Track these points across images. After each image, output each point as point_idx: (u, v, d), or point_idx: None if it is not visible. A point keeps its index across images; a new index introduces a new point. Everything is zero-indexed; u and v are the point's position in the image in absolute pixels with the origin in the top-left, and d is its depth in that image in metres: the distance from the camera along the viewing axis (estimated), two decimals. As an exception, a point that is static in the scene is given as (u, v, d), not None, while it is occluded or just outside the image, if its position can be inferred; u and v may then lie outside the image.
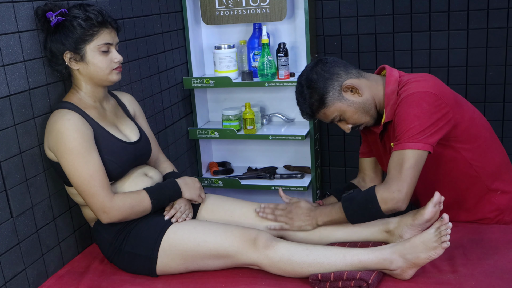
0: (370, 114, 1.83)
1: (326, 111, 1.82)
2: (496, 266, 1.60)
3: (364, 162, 2.09)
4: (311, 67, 1.84)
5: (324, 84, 1.79)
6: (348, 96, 1.80)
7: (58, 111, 1.66)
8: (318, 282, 1.57)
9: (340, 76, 1.80)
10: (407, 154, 1.65)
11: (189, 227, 1.71)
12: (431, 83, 1.74)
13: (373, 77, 1.86)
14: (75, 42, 1.66)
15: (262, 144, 3.00)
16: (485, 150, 1.83)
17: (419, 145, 1.65)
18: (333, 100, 1.80)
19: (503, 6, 2.54)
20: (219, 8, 2.71)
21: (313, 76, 1.81)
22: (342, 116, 1.83)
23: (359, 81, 1.81)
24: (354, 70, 1.84)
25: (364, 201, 1.69)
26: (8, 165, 1.59)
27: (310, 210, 1.82)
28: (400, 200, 1.64)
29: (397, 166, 1.66)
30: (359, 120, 1.83)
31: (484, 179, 1.84)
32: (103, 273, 1.76)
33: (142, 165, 1.89)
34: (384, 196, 1.65)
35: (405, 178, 1.64)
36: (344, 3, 2.75)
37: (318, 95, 1.80)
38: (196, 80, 2.76)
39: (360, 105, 1.80)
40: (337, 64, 1.83)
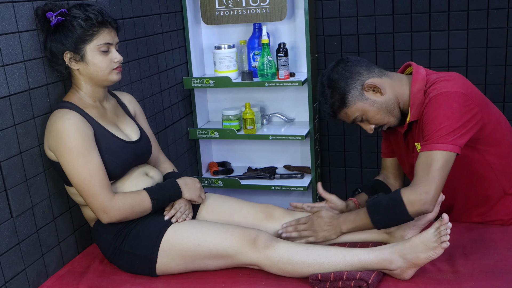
0: (394, 114, 1.78)
1: (348, 111, 1.78)
2: (496, 266, 1.60)
3: (387, 162, 2.05)
4: (332, 67, 1.80)
5: (345, 83, 1.75)
6: (370, 96, 1.75)
7: (58, 111, 1.67)
8: (318, 282, 1.57)
9: (361, 75, 1.76)
10: (436, 155, 1.60)
11: (189, 227, 1.71)
12: (461, 83, 1.69)
13: (396, 76, 1.81)
14: (75, 42, 1.66)
15: (262, 144, 3.00)
16: (507, 154, 1.80)
17: (448, 146, 1.60)
18: (355, 100, 1.75)
19: (503, 6, 2.54)
20: (219, 8, 2.71)
21: (334, 75, 1.77)
22: (365, 116, 1.78)
23: (381, 80, 1.76)
24: (377, 69, 1.79)
25: (390, 205, 1.63)
26: (8, 165, 1.59)
27: (332, 219, 1.77)
28: (428, 202, 1.59)
29: (425, 167, 1.60)
30: (382, 120, 1.78)
31: (502, 183, 1.81)
32: (103, 273, 1.76)
33: (143, 165, 1.89)
34: (411, 199, 1.60)
35: (433, 180, 1.58)
36: (344, 3, 2.75)
37: (339, 94, 1.76)
38: (196, 80, 2.76)
39: (383, 104, 1.76)
40: (359, 63, 1.79)
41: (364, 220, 1.69)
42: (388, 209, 1.64)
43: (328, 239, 1.77)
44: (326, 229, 1.76)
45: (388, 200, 1.65)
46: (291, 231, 1.80)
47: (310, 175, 2.84)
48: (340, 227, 1.75)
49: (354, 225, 1.73)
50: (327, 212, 1.80)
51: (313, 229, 1.78)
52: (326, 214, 1.79)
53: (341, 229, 1.75)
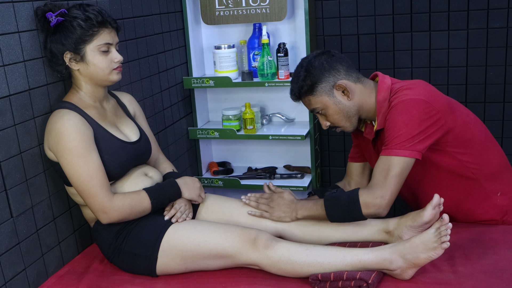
0: (351, 120, 1.85)
1: (312, 99, 1.84)
2: (496, 266, 1.60)
3: (352, 166, 2.11)
4: (317, 54, 1.85)
5: (321, 73, 1.81)
6: (337, 95, 1.82)
7: (58, 111, 1.67)
8: (318, 282, 1.57)
9: (339, 73, 1.81)
10: (394, 161, 1.67)
11: (189, 227, 1.71)
12: (422, 90, 1.75)
13: (369, 84, 1.86)
14: (75, 43, 1.66)
15: (262, 144, 3.00)
16: (482, 153, 1.84)
17: (406, 152, 1.67)
18: (322, 92, 1.81)
19: (503, 6, 2.54)
20: (219, 8, 2.71)
21: (315, 62, 1.83)
22: (324, 111, 1.84)
23: (354, 85, 1.82)
24: (355, 74, 1.84)
25: (346, 202, 1.71)
26: (8, 165, 1.59)
27: (291, 202, 1.84)
28: (382, 207, 1.66)
29: (383, 172, 1.68)
30: (338, 122, 1.85)
31: (482, 182, 1.84)
32: (103, 273, 1.76)
33: (142, 165, 1.89)
34: (366, 201, 1.67)
35: (390, 186, 1.66)
36: (344, 3, 2.75)
37: (311, 81, 1.82)
38: (196, 80, 2.76)
39: (345, 108, 1.82)
40: (342, 61, 1.84)
41: (319, 211, 1.77)
42: (344, 206, 1.72)
43: (281, 220, 1.84)
44: (283, 210, 1.84)
45: (345, 198, 1.72)
46: (252, 200, 1.90)
47: (310, 175, 2.84)
48: (297, 211, 1.82)
49: (310, 214, 1.80)
50: (289, 195, 1.88)
51: (271, 205, 1.86)
52: (288, 197, 1.87)
53: (296, 214, 1.82)
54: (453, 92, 2.72)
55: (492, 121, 2.71)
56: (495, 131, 2.71)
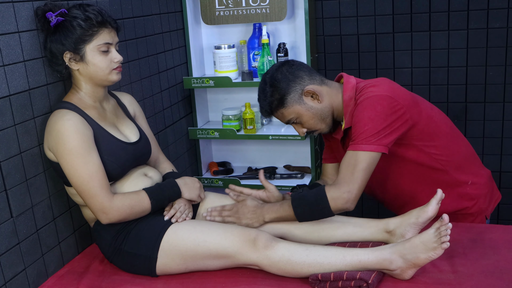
0: (326, 122, 1.89)
1: (284, 112, 1.88)
2: (496, 266, 1.60)
3: (327, 167, 2.13)
4: (277, 67, 1.90)
5: (287, 85, 1.84)
6: (307, 101, 1.85)
7: (58, 111, 1.67)
8: (318, 282, 1.57)
9: (303, 80, 1.85)
10: (360, 156, 1.70)
11: (189, 227, 1.71)
12: (386, 87, 1.79)
13: (334, 85, 1.91)
14: (75, 42, 1.66)
15: (262, 144, 3.00)
16: (448, 144, 1.89)
17: (372, 147, 1.70)
18: (293, 102, 1.85)
19: (503, 6, 2.54)
20: (219, 8, 2.71)
21: (277, 75, 1.87)
22: (299, 119, 1.88)
23: (321, 88, 1.86)
24: (318, 77, 1.89)
25: (314, 200, 1.72)
26: (8, 165, 1.59)
27: (256, 208, 1.84)
28: (350, 201, 1.68)
29: (349, 167, 1.70)
30: (315, 126, 1.89)
31: (451, 173, 1.89)
32: (103, 273, 1.76)
33: (142, 166, 1.89)
34: (334, 196, 1.69)
35: (356, 180, 1.68)
36: (344, 3, 2.75)
37: (279, 94, 1.85)
38: (196, 80, 2.76)
39: (318, 111, 1.86)
40: (303, 68, 1.89)
41: (287, 212, 1.76)
42: (311, 203, 1.72)
43: (250, 226, 1.82)
44: (250, 217, 1.83)
45: (312, 196, 1.73)
46: (215, 215, 1.88)
47: (310, 175, 2.84)
48: (263, 216, 1.81)
49: (277, 216, 1.79)
50: (252, 201, 1.87)
51: (237, 216, 1.85)
52: (251, 203, 1.86)
53: (264, 218, 1.82)
54: (453, 92, 2.72)
55: (492, 121, 2.71)
56: (495, 131, 2.72)
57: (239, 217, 1.84)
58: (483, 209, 1.96)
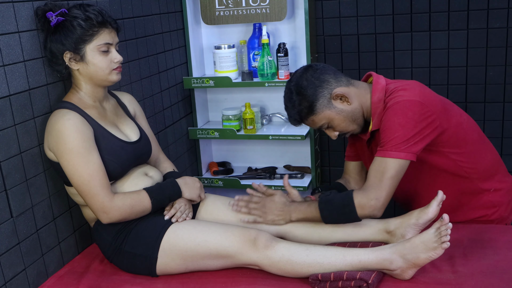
0: (358, 122, 1.84)
1: (315, 118, 1.83)
2: (496, 266, 1.60)
3: (350, 165, 2.10)
4: (301, 73, 1.84)
5: (314, 91, 1.79)
6: (337, 104, 1.80)
7: (58, 111, 1.67)
8: (318, 282, 1.57)
9: (330, 84, 1.80)
10: (389, 163, 1.67)
11: (189, 227, 1.71)
12: (417, 91, 1.75)
13: (361, 85, 1.86)
14: (75, 42, 1.66)
15: (262, 144, 3.00)
16: (474, 152, 1.85)
17: (401, 154, 1.67)
18: (322, 108, 1.80)
19: (503, 6, 2.54)
20: (219, 8, 2.71)
21: (303, 82, 1.81)
22: (330, 123, 1.83)
23: (348, 89, 1.81)
24: (344, 77, 1.84)
25: (341, 204, 1.71)
26: (8, 165, 1.59)
27: (284, 205, 1.83)
28: (377, 209, 1.67)
29: (378, 174, 1.68)
30: (347, 128, 1.84)
31: (475, 181, 1.85)
32: (103, 273, 1.76)
33: (142, 165, 1.89)
34: (361, 203, 1.67)
35: (385, 187, 1.66)
36: (344, 3, 2.75)
37: (308, 102, 1.80)
38: (196, 80, 2.76)
39: (349, 113, 1.81)
40: (327, 71, 1.83)
41: (313, 214, 1.76)
42: (338, 207, 1.71)
43: (276, 223, 1.82)
44: (276, 213, 1.82)
45: (339, 199, 1.72)
46: (242, 205, 1.86)
47: (310, 175, 2.84)
48: (290, 214, 1.80)
49: (304, 216, 1.79)
50: (280, 198, 1.85)
51: (263, 210, 1.83)
52: (279, 200, 1.84)
53: (290, 217, 1.80)
54: (453, 92, 2.72)
55: (492, 121, 2.71)
56: (495, 131, 2.71)
57: (266, 211, 1.83)
58: (504, 217, 1.91)
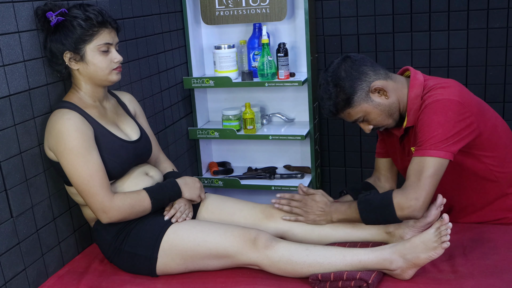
0: (393, 117, 1.79)
1: (351, 111, 1.77)
2: (496, 266, 1.60)
3: (380, 162, 2.06)
4: (338, 64, 1.77)
5: (353, 83, 1.73)
6: (375, 98, 1.75)
7: (58, 111, 1.67)
8: (318, 282, 1.57)
9: (368, 76, 1.74)
10: (428, 162, 1.62)
11: (189, 227, 1.71)
12: (457, 91, 1.70)
13: (399, 79, 1.80)
14: (75, 42, 1.66)
15: (262, 144, 3.00)
16: (505, 156, 1.81)
17: (441, 153, 1.62)
18: (360, 101, 1.74)
19: (503, 6, 2.54)
20: (219, 8, 2.71)
21: (340, 73, 1.75)
22: (366, 117, 1.78)
23: (387, 82, 1.75)
24: (382, 70, 1.78)
25: (380, 205, 1.67)
26: (8, 165, 1.59)
27: (325, 205, 1.81)
28: (417, 209, 1.62)
29: (417, 173, 1.63)
30: (382, 122, 1.79)
31: (502, 184, 1.82)
32: (103, 273, 1.76)
33: (143, 165, 1.89)
34: (401, 203, 1.63)
35: (424, 187, 1.61)
36: (344, 3, 2.75)
37: (345, 94, 1.74)
38: (196, 80, 2.76)
39: (386, 107, 1.76)
40: (365, 62, 1.77)
41: (354, 214, 1.74)
42: (377, 208, 1.68)
43: (317, 223, 1.81)
44: (318, 213, 1.80)
45: (379, 200, 1.69)
46: (284, 203, 1.85)
47: (310, 175, 2.84)
48: (331, 215, 1.79)
49: (345, 217, 1.77)
50: (322, 198, 1.83)
51: (305, 209, 1.82)
52: (321, 199, 1.82)
53: (331, 218, 1.79)
54: (453, 92, 2.72)
55: (492, 121, 2.71)
56: (495, 131, 2.71)
57: (307, 211, 1.81)
58: None
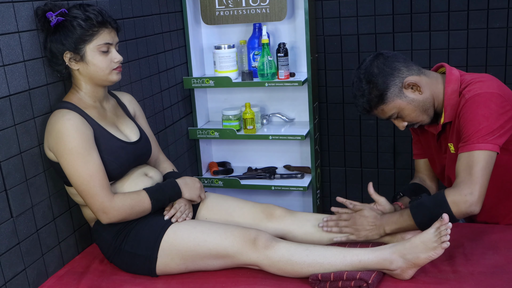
0: (428, 113, 1.77)
1: (385, 108, 1.76)
2: (496, 266, 1.60)
3: (420, 163, 2.03)
4: (371, 61, 1.77)
5: (385, 79, 1.72)
6: (408, 93, 1.74)
7: (58, 111, 1.67)
8: (318, 282, 1.57)
9: (401, 72, 1.74)
10: (477, 156, 1.59)
11: (189, 227, 1.71)
12: (495, 85, 1.69)
13: (432, 75, 1.79)
14: (75, 42, 1.66)
15: (262, 144, 3.00)
16: None
17: (489, 145, 1.60)
18: (393, 97, 1.73)
19: (503, 6, 2.54)
20: (219, 8, 2.71)
21: (373, 70, 1.74)
22: (400, 113, 1.76)
23: (420, 78, 1.74)
24: (415, 66, 1.77)
25: (434, 206, 1.62)
26: (8, 165, 1.59)
27: (375, 219, 1.74)
28: (474, 203, 1.57)
29: (467, 168, 1.60)
30: (416, 118, 1.77)
31: None
32: (103, 273, 1.76)
33: (142, 165, 1.89)
34: (455, 199, 1.58)
35: (477, 180, 1.58)
36: (344, 3, 2.75)
37: (378, 91, 1.73)
38: (196, 80, 2.76)
39: (420, 103, 1.74)
40: (398, 58, 1.77)
41: (407, 222, 1.67)
42: (432, 210, 1.61)
43: (370, 239, 1.75)
44: (369, 228, 1.75)
45: (432, 201, 1.64)
46: (332, 225, 1.80)
47: (310, 175, 2.84)
48: (384, 227, 1.72)
49: (398, 226, 1.70)
50: (370, 212, 1.77)
51: (355, 227, 1.76)
52: (370, 214, 1.76)
53: (384, 230, 1.72)
54: (453, 92, 2.72)
55: (492, 121, 2.71)
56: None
57: (358, 228, 1.75)
58: None
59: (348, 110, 2.89)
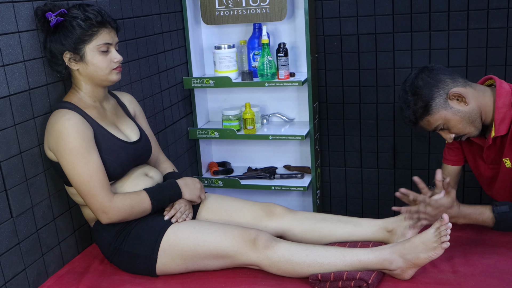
0: (475, 124, 1.76)
1: (430, 119, 1.76)
2: (496, 266, 1.60)
3: (450, 169, 2.01)
4: (416, 74, 1.79)
5: (430, 91, 1.74)
6: (454, 105, 1.74)
7: (58, 111, 1.67)
8: (318, 282, 1.57)
9: (446, 84, 1.75)
10: None
11: (189, 227, 1.71)
12: None
13: (479, 87, 1.80)
14: (75, 42, 1.66)
15: (262, 144, 3.00)
16: None
17: None
18: (438, 108, 1.74)
19: (503, 6, 2.54)
20: (219, 8, 2.71)
21: (418, 82, 1.76)
22: (446, 124, 1.77)
23: (465, 89, 1.74)
24: (461, 78, 1.78)
25: None
26: (8, 165, 1.59)
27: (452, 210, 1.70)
28: None
29: None
30: (463, 130, 1.77)
31: None
32: (103, 273, 1.76)
33: (142, 165, 1.90)
34: None
35: None
36: (344, 3, 2.75)
37: (423, 102, 1.74)
38: (196, 80, 2.76)
39: (466, 114, 1.74)
40: (443, 71, 1.78)
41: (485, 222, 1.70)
42: None
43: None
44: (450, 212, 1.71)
45: None
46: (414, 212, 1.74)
47: (310, 175, 2.84)
48: (457, 220, 1.72)
49: (473, 223, 1.73)
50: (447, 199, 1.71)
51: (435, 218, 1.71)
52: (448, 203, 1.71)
53: (456, 222, 1.72)
54: (453, 92, 2.72)
55: (492, 121, 2.71)
56: (495, 131, 2.71)
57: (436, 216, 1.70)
58: None
59: (348, 110, 2.89)
